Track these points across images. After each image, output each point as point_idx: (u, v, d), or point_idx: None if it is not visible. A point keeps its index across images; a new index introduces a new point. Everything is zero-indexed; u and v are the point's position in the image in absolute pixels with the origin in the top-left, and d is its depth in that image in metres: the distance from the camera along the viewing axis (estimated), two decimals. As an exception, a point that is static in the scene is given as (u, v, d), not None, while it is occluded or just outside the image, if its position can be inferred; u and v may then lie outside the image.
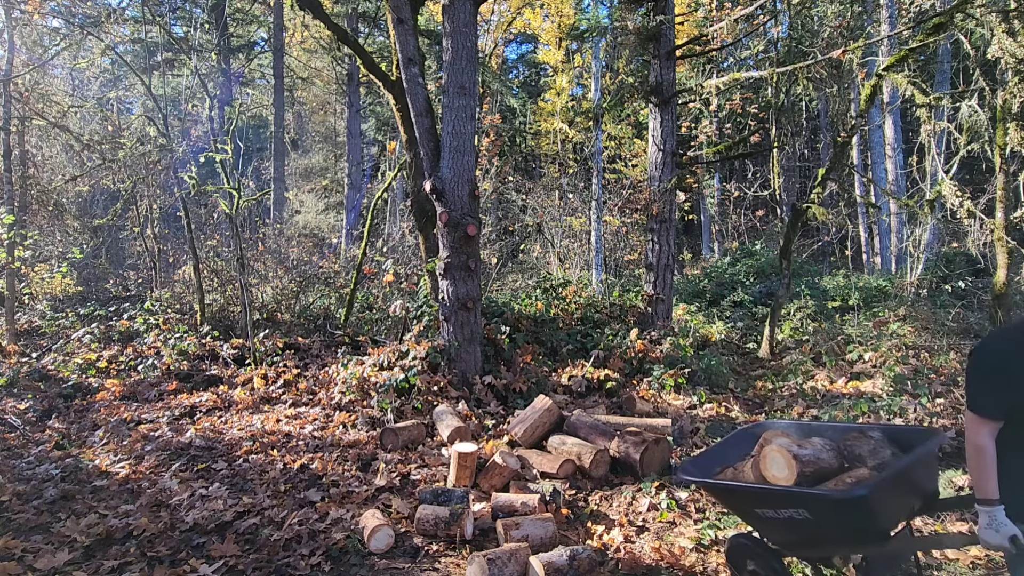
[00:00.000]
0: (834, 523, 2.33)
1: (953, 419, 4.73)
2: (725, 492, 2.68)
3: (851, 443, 2.63)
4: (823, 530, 2.39)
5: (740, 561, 2.83)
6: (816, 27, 13.61)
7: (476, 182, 5.79)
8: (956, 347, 6.16)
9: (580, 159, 14.77)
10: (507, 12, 15.22)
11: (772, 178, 12.63)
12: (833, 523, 2.34)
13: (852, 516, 2.27)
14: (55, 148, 12.40)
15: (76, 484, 4.31)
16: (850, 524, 2.30)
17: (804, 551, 2.67)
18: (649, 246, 7.90)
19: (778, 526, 2.51)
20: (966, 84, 10.99)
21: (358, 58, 7.73)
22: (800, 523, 2.39)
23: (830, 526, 2.35)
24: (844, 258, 15.19)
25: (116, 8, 12.31)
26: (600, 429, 4.53)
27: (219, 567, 3.13)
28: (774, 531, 2.60)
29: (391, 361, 5.84)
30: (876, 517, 2.28)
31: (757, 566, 2.75)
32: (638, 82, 8.07)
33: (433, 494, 3.63)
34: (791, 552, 2.72)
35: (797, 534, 2.50)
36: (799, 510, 2.35)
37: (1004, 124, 6.20)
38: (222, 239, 10.06)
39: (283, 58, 16.44)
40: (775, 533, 2.62)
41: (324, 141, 22.81)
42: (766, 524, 2.57)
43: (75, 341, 8.44)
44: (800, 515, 2.36)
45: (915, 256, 9.49)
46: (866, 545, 2.37)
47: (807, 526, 2.38)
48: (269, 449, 4.76)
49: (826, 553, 2.61)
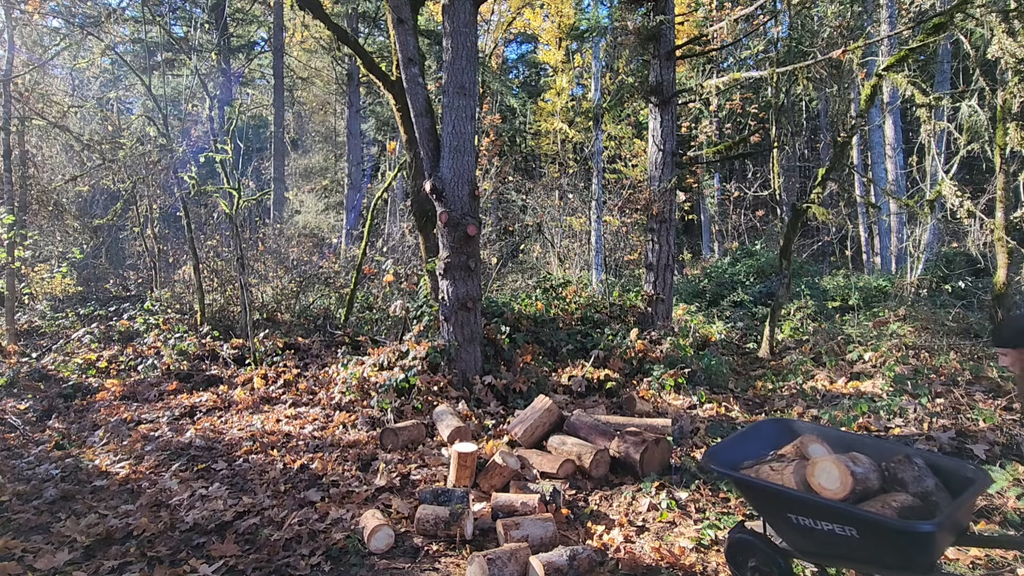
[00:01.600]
0: (886, 549, 2.30)
1: (953, 419, 4.73)
2: (760, 491, 2.61)
3: (895, 466, 2.62)
4: (867, 551, 2.33)
5: (741, 558, 2.81)
6: (816, 27, 13.62)
7: (476, 182, 5.78)
8: (956, 347, 6.16)
9: (580, 159, 14.77)
10: (507, 12, 15.22)
11: (772, 178, 12.62)
12: (884, 549, 2.30)
13: (910, 547, 2.25)
14: (55, 148, 12.40)
15: (76, 484, 4.31)
16: (903, 553, 2.29)
17: (828, 563, 2.62)
18: (649, 246, 7.90)
19: (810, 536, 2.46)
20: (966, 84, 10.99)
21: (358, 58, 7.73)
22: (840, 539, 2.34)
23: (879, 550, 2.31)
24: (844, 258, 15.19)
25: (116, 8, 12.31)
26: (600, 429, 4.53)
27: (219, 567, 3.13)
28: (801, 538, 2.54)
29: (391, 361, 5.84)
30: (932, 550, 2.28)
31: (761, 563, 2.72)
32: (638, 82, 8.06)
33: (433, 494, 3.63)
34: (809, 559, 2.67)
35: (831, 548, 2.44)
36: (847, 527, 2.31)
37: (1004, 124, 6.20)
38: (222, 239, 10.06)
39: (283, 58, 16.44)
40: (801, 540, 2.56)
41: (324, 141, 22.82)
42: (794, 530, 2.51)
43: (75, 341, 8.44)
44: (845, 531, 2.32)
45: (915, 256, 9.49)
46: (910, 573, 2.34)
47: (848, 544, 2.34)
48: (269, 449, 4.76)
49: (856, 570, 2.58)
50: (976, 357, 5.77)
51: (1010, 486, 3.77)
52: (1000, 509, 3.60)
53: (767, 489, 2.58)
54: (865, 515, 2.30)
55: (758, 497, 2.70)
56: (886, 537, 2.27)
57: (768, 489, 2.57)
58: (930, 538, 2.19)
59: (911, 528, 2.22)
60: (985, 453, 4.21)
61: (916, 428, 4.68)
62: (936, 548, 2.34)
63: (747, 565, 2.78)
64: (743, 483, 2.69)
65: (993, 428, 4.47)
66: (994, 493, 3.76)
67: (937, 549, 2.38)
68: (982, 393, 5.14)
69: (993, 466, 4.03)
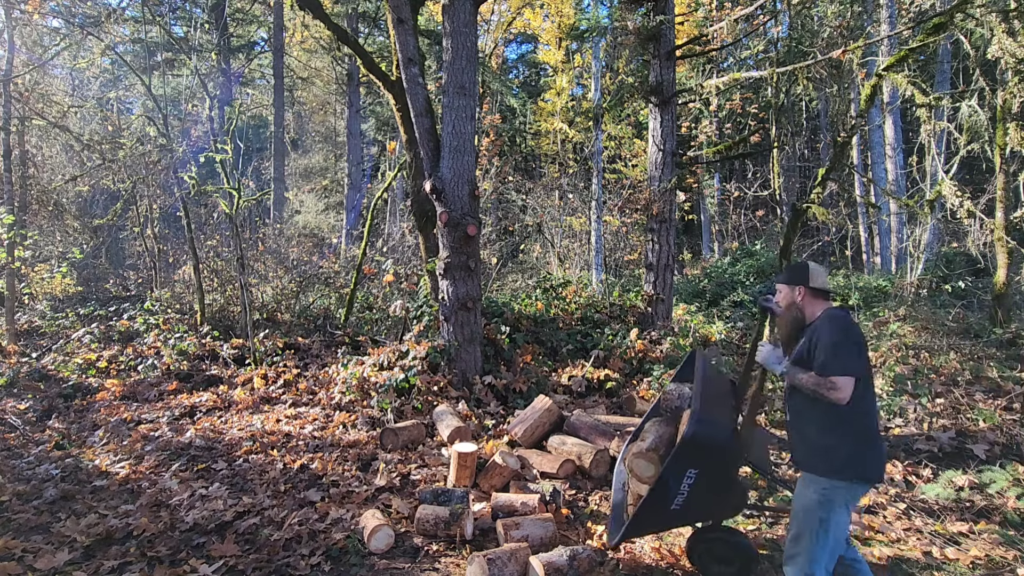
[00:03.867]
0: (709, 465, 2.68)
1: (953, 419, 4.73)
2: (646, 519, 2.87)
3: (667, 404, 3.20)
4: (712, 473, 2.70)
5: (703, 557, 2.98)
6: (816, 27, 13.62)
7: (476, 182, 5.78)
8: (956, 347, 6.15)
9: (580, 159, 14.76)
10: (507, 12, 15.22)
11: (772, 178, 12.62)
12: (710, 465, 2.68)
13: (704, 446, 2.65)
14: (55, 148, 12.40)
15: (76, 484, 4.31)
16: (717, 464, 2.70)
17: (728, 507, 2.93)
18: (649, 246, 7.90)
19: (703, 498, 2.76)
20: (966, 84, 10.99)
21: (358, 58, 7.72)
22: (700, 485, 2.69)
23: (711, 465, 2.69)
24: (844, 258, 15.19)
25: (116, 8, 12.30)
26: (600, 429, 4.53)
27: (219, 567, 3.13)
28: (704, 504, 2.81)
29: (391, 361, 5.84)
30: (719, 445, 2.67)
31: (718, 550, 2.91)
32: (638, 82, 8.06)
33: (433, 494, 3.63)
34: (731, 514, 3.03)
35: (707, 498, 2.77)
36: (689, 472, 2.66)
37: (1004, 124, 6.20)
38: (222, 239, 10.05)
39: (283, 58, 16.44)
40: (706, 505, 2.84)
41: (324, 141, 22.80)
42: (695, 500, 2.76)
43: (75, 341, 8.44)
44: (691, 477, 2.67)
45: (915, 256, 9.48)
46: (737, 459, 2.78)
47: (708, 483, 2.70)
48: (269, 449, 4.76)
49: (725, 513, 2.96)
50: (976, 357, 5.76)
51: (1010, 486, 3.77)
52: (1000, 509, 3.60)
53: (643, 516, 2.86)
54: (674, 455, 2.68)
55: (652, 520, 2.98)
56: (693, 452, 2.65)
57: (644, 512, 2.84)
58: (701, 424, 2.60)
59: (689, 431, 2.62)
60: (985, 453, 4.21)
61: (916, 428, 4.68)
62: (724, 434, 2.68)
63: (712, 556, 2.96)
64: (640, 530, 3.06)
65: (993, 428, 4.47)
66: (994, 493, 3.76)
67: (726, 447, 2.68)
68: (982, 393, 5.14)
69: (993, 466, 4.03)
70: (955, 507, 3.68)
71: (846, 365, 2.29)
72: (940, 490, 3.84)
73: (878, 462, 2.36)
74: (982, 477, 3.93)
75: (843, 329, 2.36)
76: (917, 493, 3.89)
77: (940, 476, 4.04)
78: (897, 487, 3.97)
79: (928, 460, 4.25)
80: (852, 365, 2.30)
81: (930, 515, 3.61)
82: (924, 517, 3.59)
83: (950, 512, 3.62)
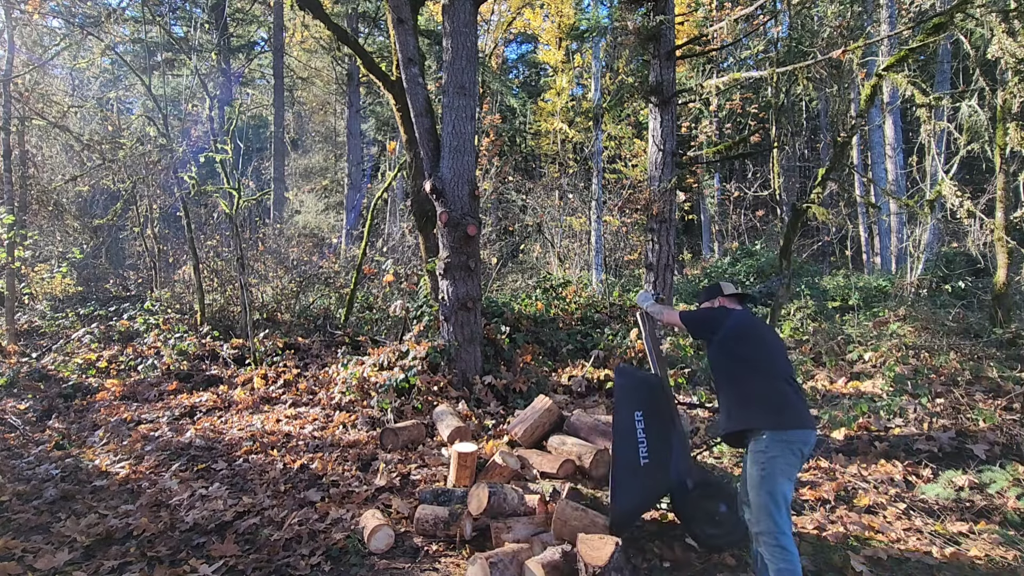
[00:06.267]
0: (638, 395, 3.12)
1: (953, 419, 4.73)
2: (626, 482, 3.08)
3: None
4: (652, 412, 3.08)
5: (697, 519, 3.18)
6: (816, 27, 13.62)
7: (476, 182, 5.78)
8: (956, 347, 6.15)
9: (580, 159, 14.77)
10: (507, 12, 15.23)
11: (772, 178, 12.62)
12: (639, 396, 3.12)
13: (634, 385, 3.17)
14: (55, 148, 12.40)
15: (76, 484, 4.31)
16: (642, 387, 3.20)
17: (684, 452, 3.17)
18: (649, 246, 7.90)
19: (660, 444, 3.06)
20: (966, 84, 11.00)
21: (358, 58, 7.73)
22: (653, 425, 3.06)
23: (649, 403, 3.11)
24: (844, 258, 15.19)
25: (116, 8, 12.30)
26: (600, 429, 4.52)
27: (219, 567, 3.13)
28: (663, 452, 3.07)
29: (391, 361, 5.84)
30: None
31: (697, 520, 3.15)
32: (638, 82, 8.06)
33: (433, 494, 3.63)
34: (686, 462, 3.21)
35: (663, 437, 3.09)
36: (636, 414, 3.05)
37: (1004, 124, 6.20)
38: (222, 239, 10.06)
39: (283, 58, 16.44)
40: (665, 453, 3.08)
41: (324, 141, 22.80)
42: (656, 448, 3.06)
43: (75, 341, 8.44)
44: (641, 417, 3.05)
45: (915, 256, 9.49)
46: (668, 396, 3.21)
47: (654, 421, 3.07)
48: (269, 449, 4.76)
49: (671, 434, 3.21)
50: (976, 357, 5.76)
51: (1010, 486, 3.77)
52: (1000, 509, 3.60)
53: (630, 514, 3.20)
54: (615, 400, 3.16)
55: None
56: (629, 394, 3.15)
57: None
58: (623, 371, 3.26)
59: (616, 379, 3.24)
60: (985, 453, 4.20)
61: (916, 428, 4.68)
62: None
63: (701, 523, 3.19)
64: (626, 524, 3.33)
65: (993, 428, 4.47)
66: (994, 493, 3.76)
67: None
68: (982, 393, 5.14)
69: (993, 466, 4.03)
70: (955, 507, 3.68)
71: (690, 314, 3.06)
72: (940, 490, 3.84)
73: (794, 411, 2.65)
74: (982, 477, 3.92)
75: (727, 317, 2.92)
76: (917, 493, 3.89)
77: (940, 476, 4.04)
78: (897, 487, 3.97)
79: (928, 460, 4.25)
80: (693, 318, 3.04)
81: (930, 515, 3.61)
82: (924, 517, 3.58)
83: (950, 512, 3.62)
